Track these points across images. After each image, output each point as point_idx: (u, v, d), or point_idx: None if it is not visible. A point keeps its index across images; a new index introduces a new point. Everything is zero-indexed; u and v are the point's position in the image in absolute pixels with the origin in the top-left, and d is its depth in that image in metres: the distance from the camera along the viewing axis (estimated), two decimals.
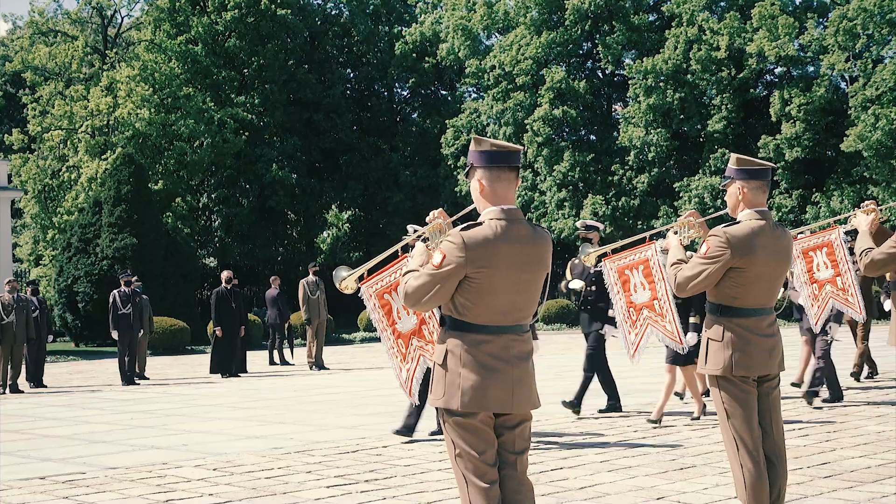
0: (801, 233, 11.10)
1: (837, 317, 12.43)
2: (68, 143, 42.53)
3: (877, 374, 15.69)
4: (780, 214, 38.18)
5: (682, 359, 11.45)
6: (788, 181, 39.45)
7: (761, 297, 5.74)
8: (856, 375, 15.22)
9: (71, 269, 35.37)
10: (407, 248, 6.79)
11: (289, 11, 45.92)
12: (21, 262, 47.28)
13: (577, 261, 12.43)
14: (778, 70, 42.00)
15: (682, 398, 13.35)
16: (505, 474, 4.63)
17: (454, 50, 46.09)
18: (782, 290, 11.68)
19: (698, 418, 11.62)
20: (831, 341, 12.76)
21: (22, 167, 42.75)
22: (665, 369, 11.55)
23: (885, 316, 16.13)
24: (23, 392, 19.09)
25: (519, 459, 4.68)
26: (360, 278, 6.80)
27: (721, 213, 6.39)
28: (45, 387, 19.89)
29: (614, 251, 10.16)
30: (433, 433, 10.85)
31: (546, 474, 8.53)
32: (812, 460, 8.85)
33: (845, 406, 12.53)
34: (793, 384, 13.83)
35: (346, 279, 6.38)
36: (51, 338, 21.67)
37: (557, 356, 23.10)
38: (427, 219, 4.97)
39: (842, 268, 10.73)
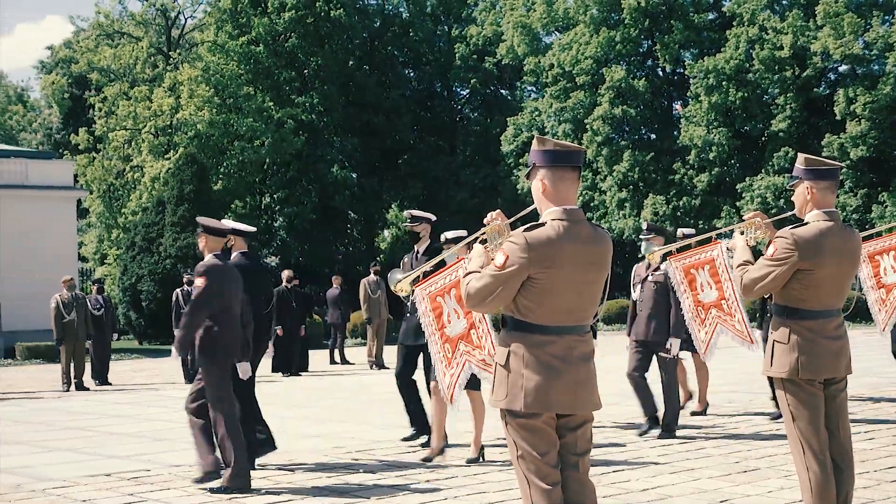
0: (870, 236, 10.88)
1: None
2: (132, 143, 43.07)
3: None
4: (844, 214, 37.63)
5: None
6: (853, 180, 38.90)
7: (828, 298, 5.66)
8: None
9: (135, 268, 35.80)
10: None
11: (342, 12, 45.99)
12: (86, 261, 47.97)
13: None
14: (842, 68, 41.43)
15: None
16: (567, 475, 4.62)
17: (513, 48, 45.98)
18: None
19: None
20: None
21: (88, 167, 43.36)
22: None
23: None
24: (88, 389, 19.34)
25: (581, 461, 4.66)
26: (415, 281, 6.79)
27: (788, 214, 6.29)
28: (110, 384, 20.14)
29: (679, 250, 10.08)
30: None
31: (608, 476, 8.48)
32: (879, 464, 8.72)
33: None
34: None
35: (401, 281, 6.38)
36: (115, 336, 21.93)
37: (616, 357, 22.96)
38: (485, 220, 4.96)
39: None
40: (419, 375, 10.32)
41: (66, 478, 9.20)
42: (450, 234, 9.61)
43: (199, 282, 8.67)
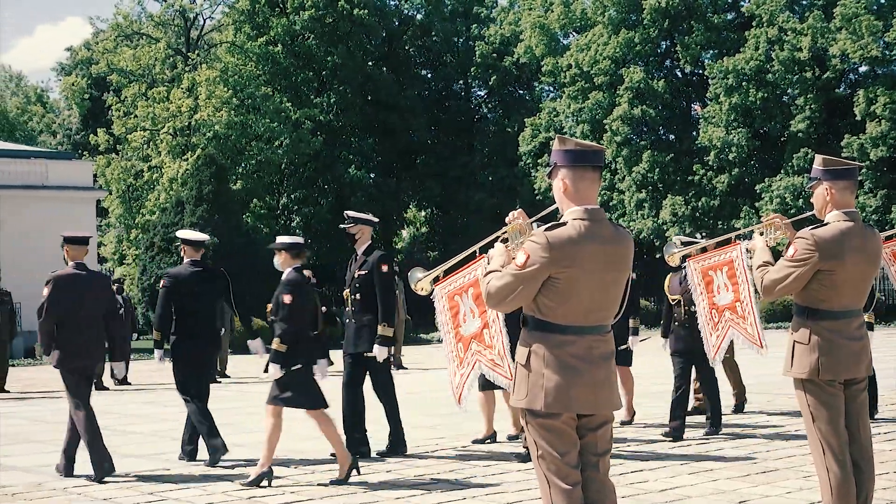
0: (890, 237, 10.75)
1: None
2: (151, 143, 43.21)
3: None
4: (864, 214, 37.47)
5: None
6: (873, 181, 38.73)
7: (849, 299, 5.64)
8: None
9: (154, 268, 35.89)
10: (485, 249, 6.77)
11: (365, 11, 46.06)
12: (106, 262, 48.12)
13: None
14: (862, 69, 41.27)
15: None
16: (587, 476, 4.62)
17: (531, 49, 45.96)
18: None
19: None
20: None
21: (107, 168, 43.53)
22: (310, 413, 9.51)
23: None
24: (108, 389, 19.39)
25: (601, 461, 4.67)
26: (436, 280, 6.78)
27: (808, 214, 6.27)
28: (130, 384, 20.18)
29: (699, 251, 10.05)
30: (510, 437, 10.81)
31: (626, 476, 8.48)
32: None
33: None
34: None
35: (421, 280, 6.36)
36: (135, 336, 21.94)
37: (641, 357, 22.89)
38: (506, 219, 4.97)
39: None
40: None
41: (85, 476, 9.24)
42: (284, 239, 9.22)
43: (44, 291, 9.14)
